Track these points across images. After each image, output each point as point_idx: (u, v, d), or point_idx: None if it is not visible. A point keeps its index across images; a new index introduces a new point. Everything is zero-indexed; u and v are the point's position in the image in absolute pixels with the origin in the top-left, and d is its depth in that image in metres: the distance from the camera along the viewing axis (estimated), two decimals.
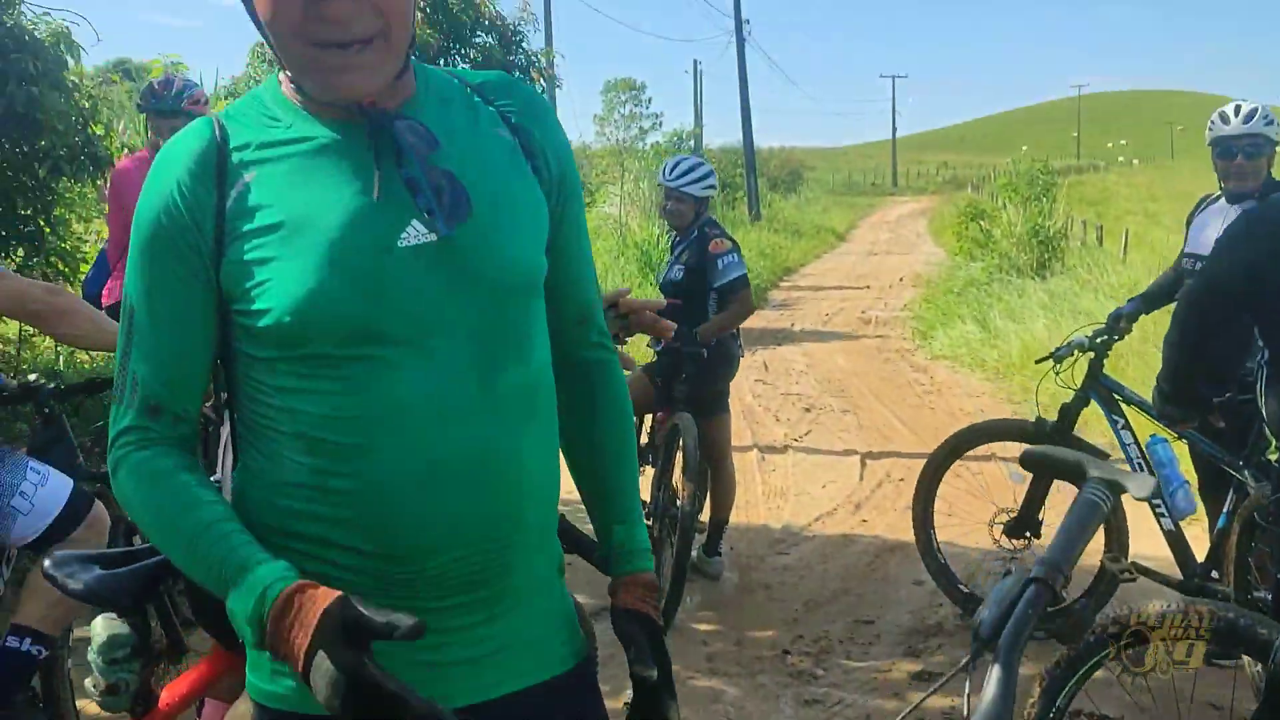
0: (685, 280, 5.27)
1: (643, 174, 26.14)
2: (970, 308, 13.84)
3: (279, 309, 1.37)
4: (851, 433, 8.65)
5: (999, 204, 19.85)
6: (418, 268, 1.41)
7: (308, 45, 1.36)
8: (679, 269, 5.32)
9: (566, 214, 1.60)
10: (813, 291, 19.53)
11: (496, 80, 1.60)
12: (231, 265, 1.40)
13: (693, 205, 5.35)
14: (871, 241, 32.54)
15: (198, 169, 1.41)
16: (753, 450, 7.92)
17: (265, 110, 1.47)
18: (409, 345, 1.40)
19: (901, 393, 10.32)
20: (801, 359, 12.27)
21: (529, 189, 1.53)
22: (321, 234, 1.38)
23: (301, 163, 1.42)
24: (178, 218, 1.41)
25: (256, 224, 1.39)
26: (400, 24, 1.39)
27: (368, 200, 1.41)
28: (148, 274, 1.43)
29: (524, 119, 1.57)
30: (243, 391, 1.48)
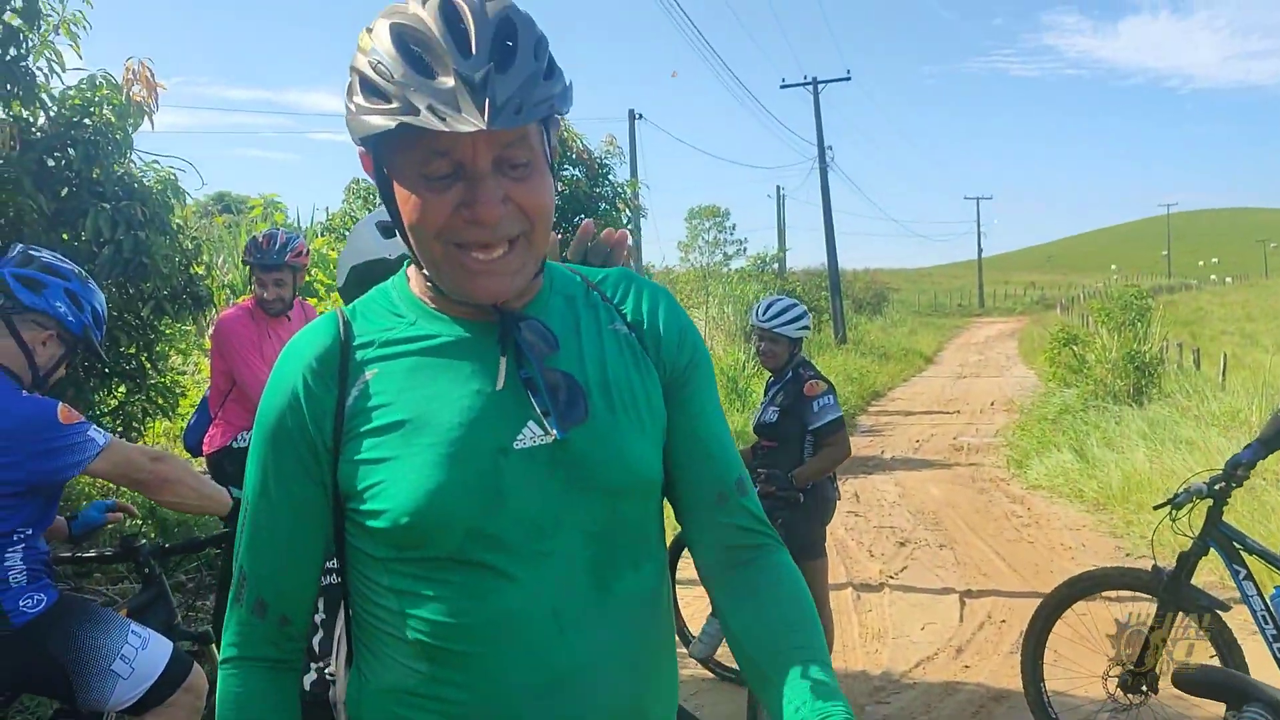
0: (780, 422, 5.20)
1: (727, 298, 26.29)
2: (1066, 435, 13.52)
3: (396, 510, 1.36)
4: (949, 569, 8.41)
5: (1092, 328, 19.55)
6: (534, 470, 1.39)
7: (449, 245, 1.36)
8: (773, 411, 5.26)
9: (695, 390, 1.56)
10: (902, 416, 19.28)
11: (615, 277, 1.59)
12: (349, 464, 1.40)
13: (787, 346, 5.32)
14: (960, 364, 32.17)
15: (320, 368, 1.42)
16: (848, 588, 7.73)
17: (391, 306, 1.48)
18: (526, 550, 1.37)
19: (998, 525, 10.05)
20: (893, 489, 12.04)
21: (647, 386, 1.50)
22: (439, 434, 1.37)
23: (422, 360, 1.42)
24: (297, 417, 1.41)
25: (375, 423, 1.39)
26: (543, 226, 1.39)
27: (486, 401, 1.40)
28: (265, 469, 1.44)
29: (641, 312, 1.55)
30: (357, 589, 1.47)
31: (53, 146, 5.93)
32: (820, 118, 37.17)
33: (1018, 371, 27.95)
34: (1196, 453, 10.80)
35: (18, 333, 3.04)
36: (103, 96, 6.18)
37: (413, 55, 1.31)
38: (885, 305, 48.77)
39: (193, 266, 6.74)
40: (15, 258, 3.06)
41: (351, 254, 2.39)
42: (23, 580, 2.93)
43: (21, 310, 3.03)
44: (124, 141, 6.18)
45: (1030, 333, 39.61)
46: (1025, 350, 33.92)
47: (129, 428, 6.85)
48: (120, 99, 6.19)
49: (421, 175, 1.34)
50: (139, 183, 6.25)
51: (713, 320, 24.79)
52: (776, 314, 5.30)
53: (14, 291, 3.01)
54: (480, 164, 1.32)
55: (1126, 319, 17.71)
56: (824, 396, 5.13)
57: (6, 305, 3.02)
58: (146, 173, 6.49)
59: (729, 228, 38.98)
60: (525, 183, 1.36)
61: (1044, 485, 11.81)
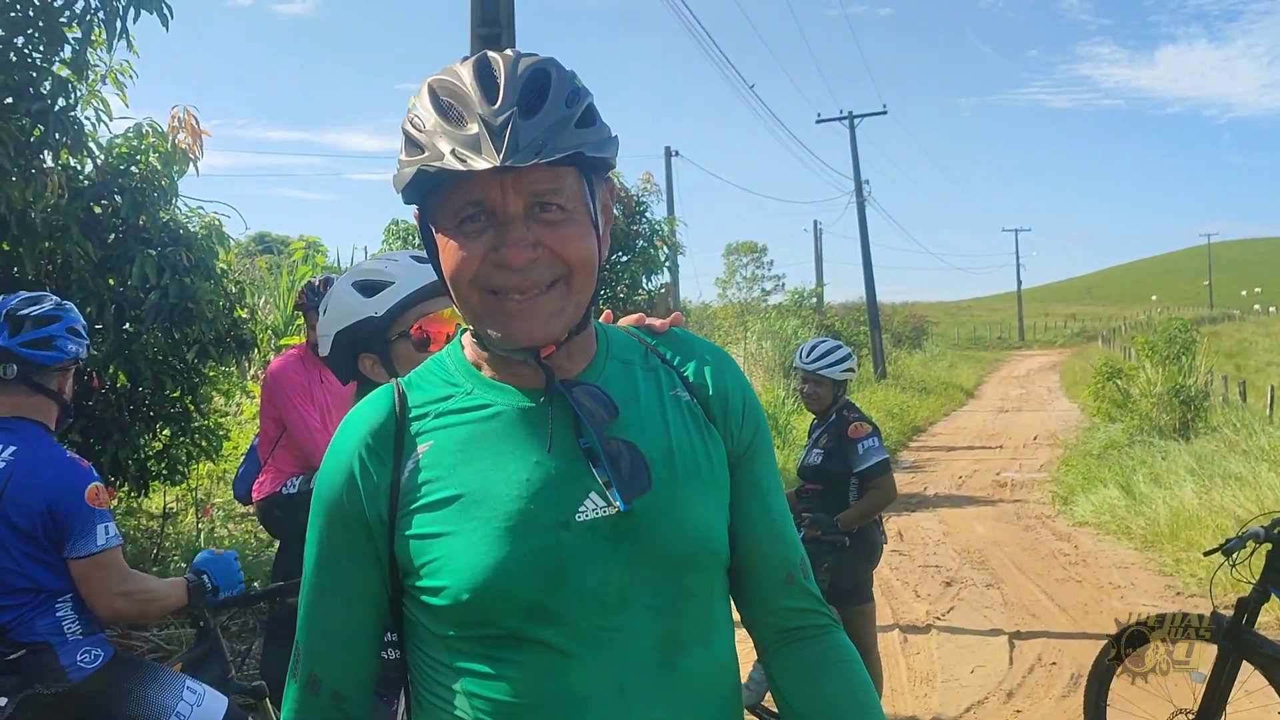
0: (824, 465, 5.16)
1: (765, 334, 26.23)
2: (1112, 471, 13.35)
3: (455, 586, 1.33)
4: (996, 609, 8.29)
5: (1135, 361, 19.35)
6: (597, 544, 1.35)
7: (484, 292, 1.35)
8: (818, 453, 5.21)
9: (761, 463, 1.54)
10: (944, 452, 19.13)
11: (676, 338, 1.56)
12: (406, 540, 1.37)
13: (830, 388, 5.27)
14: (1001, 398, 31.93)
15: (375, 443, 1.40)
16: (894, 630, 7.63)
17: (446, 375, 1.46)
18: (589, 626, 1.33)
19: (1046, 564, 9.91)
20: (938, 526, 11.92)
21: (711, 455, 1.46)
22: (498, 508, 1.34)
23: (477, 431, 1.40)
24: (352, 493, 1.39)
25: (432, 497, 1.36)
26: (583, 271, 1.37)
27: (546, 472, 1.36)
28: (320, 544, 1.44)
29: (704, 377, 1.52)
30: (417, 666, 1.43)
31: (100, 194, 6.01)
32: (857, 152, 37.13)
33: (1060, 405, 27.71)
34: (1246, 488, 10.63)
35: (44, 387, 3.07)
36: (149, 144, 6.26)
37: (443, 106, 1.34)
38: (924, 339, 48.54)
39: (236, 310, 6.79)
40: (3, 326, 3.03)
41: (333, 320, 2.29)
42: (78, 634, 2.94)
43: (45, 369, 3.05)
44: (169, 188, 6.25)
45: (1072, 365, 39.28)
46: (1067, 383, 33.63)
47: (174, 471, 6.89)
48: (166, 146, 6.27)
49: (456, 224, 1.35)
50: (184, 228, 6.32)
51: (751, 356, 24.73)
52: (820, 356, 5.26)
53: (31, 359, 3.03)
54: (510, 209, 1.32)
55: (1171, 352, 17.52)
56: (869, 439, 5.08)
57: (26, 371, 3.04)
58: (191, 218, 6.55)
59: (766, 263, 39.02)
60: (559, 228, 1.34)
61: (1091, 522, 11.65)
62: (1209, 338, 30.55)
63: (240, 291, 7.05)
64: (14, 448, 2.94)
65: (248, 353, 6.98)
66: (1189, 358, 17.51)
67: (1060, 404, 28.17)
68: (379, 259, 2.37)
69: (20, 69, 5.61)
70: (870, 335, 33.73)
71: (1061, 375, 38.04)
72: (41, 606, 2.90)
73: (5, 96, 5.55)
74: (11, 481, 2.88)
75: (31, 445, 2.97)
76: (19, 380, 3.04)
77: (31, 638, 2.88)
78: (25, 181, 5.21)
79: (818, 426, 5.34)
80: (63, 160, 5.97)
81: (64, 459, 2.99)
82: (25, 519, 2.86)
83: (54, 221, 5.57)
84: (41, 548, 2.89)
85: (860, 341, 32.60)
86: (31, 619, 2.88)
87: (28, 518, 2.86)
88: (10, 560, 2.86)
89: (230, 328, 6.56)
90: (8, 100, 5.56)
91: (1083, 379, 27.37)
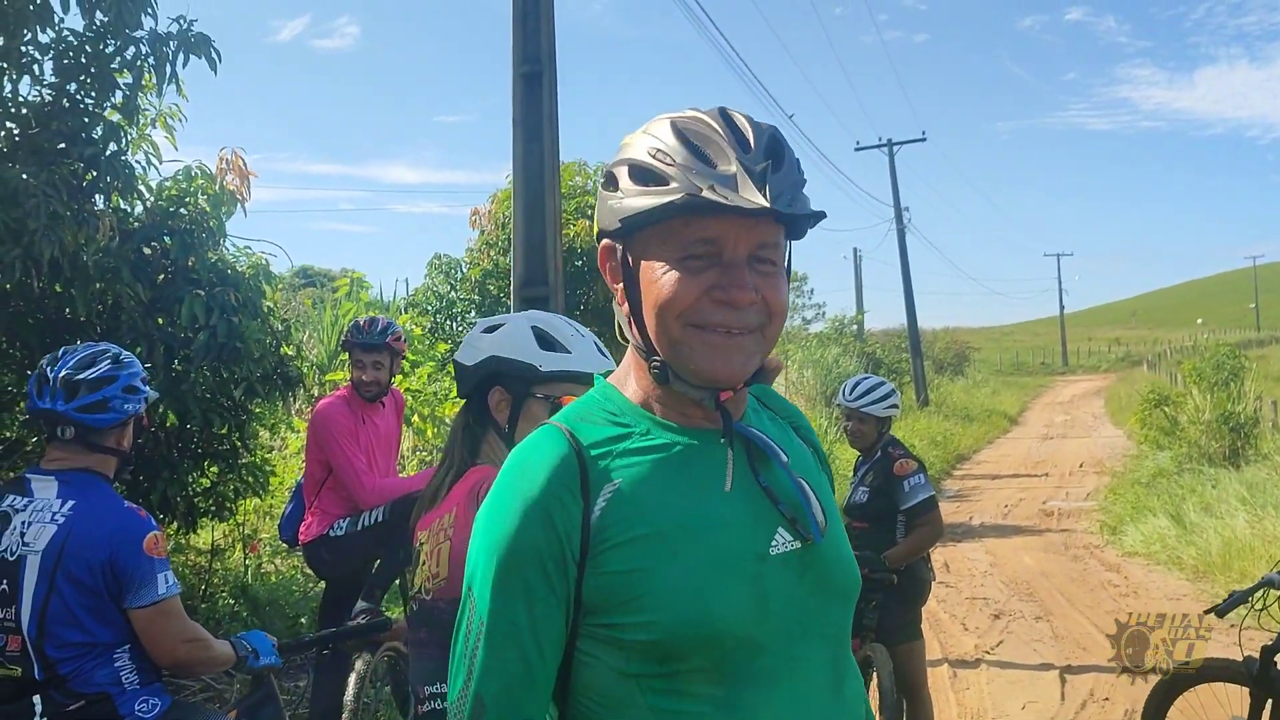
0: (871, 503, 5.13)
1: (806, 362, 26.14)
2: (1161, 500, 13.15)
3: (666, 620, 1.35)
4: (1046, 643, 8.19)
5: (1183, 388, 19.11)
6: (788, 576, 1.44)
7: (689, 326, 1.41)
8: (864, 491, 5.18)
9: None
10: (989, 480, 18.96)
11: (770, 394, 1.68)
12: (602, 577, 1.38)
13: (875, 425, 5.24)
14: (1046, 424, 31.63)
15: (567, 478, 1.41)
16: (943, 665, 7.55)
17: (612, 415, 1.50)
18: (783, 656, 1.41)
19: (1095, 596, 9.78)
20: (984, 557, 11.80)
21: (832, 498, 1.59)
22: (700, 543, 1.40)
23: (661, 469, 1.44)
24: (550, 533, 1.39)
25: (630, 534, 1.39)
26: (778, 325, 1.45)
27: (734, 508, 1.44)
28: (506, 589, 1.39)
29: (806, 428, 1.67)
30: (585, 711, 1.43)
31: (150, 236, 6.09)
32: (896, 178, 37.08)
33: (1106, 431, 27.41)
34: None
35: (100, 445, 3.11)
36: (197, 186, 6.35)
37: (693, 146, 1.41)
38: (967, 365, 48.17)
39: (283, 348, 6.85)
40: (59, 391, 3.06)
41: (498, 345, 2.36)
42: (136, 683, 2.97)
43: (101, 430, 3.09)
44: (218, 229, 6.33)
45: (1117, 391, 38.85)
46: (1113, 409, 33.26)
47: (222, 508, 6.94)
48: (214, 188, 6.35)
49: (679, 259, 1.40)
50: (232, 268, 6.39)
51: (792, 385, 24.63)
52: (863, 393, 5.23)
53: (86, 423, 3.06)
54: (739, 252, 1.40)
55: (1219, 378, 17.30)
56: (915, 475, 5.05)
57: (81, 433, 3.08)
58: (239, 258, 6.63)
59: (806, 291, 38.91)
60: (771, 279, 1.43)
61: (1140, 552, 11.51)
62: (1257, 362, 30.08)
63: (286, 329, 7.12)
64: (73, 502, 2.97)
65: (294, 389, 7.04)
66: (1237, 384, 17.29)
67: (1106, 430, 27.86)
68: (568, 324, 2.45)
69: (73, 115, 5.72)
70: (912, 362, 33.56)
71: (1106, 401, 37.65)
72: (100, 658, 2.93)
73: (59, 142, 5.66)
74: (71, 536, 2.91)
75: (90, 499, 3.00)
76: (76, 440, 3.08)
77: (90, 689, 2.90)
78: (78, 225, 5.29)
79: (863, 464, 5.31)
80: (114, 203, 6.07)
81: (122, 509, 3.02)
82: (86, 572, 2.89)
83: (105, 263, 5.65)
84: (101, 600, 2.92)
85: (902, 368, 32.43)
86: (90, 670, 2.91)
87: (89, 571, 2.89)
88: (69, 614, 2.90)
89: (277, 365, 6.62)
90: (61, 146, 5.67)
91: (1128, 404, 27.09)
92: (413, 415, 10.07)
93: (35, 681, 2.89)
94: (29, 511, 2.97)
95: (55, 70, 5.83)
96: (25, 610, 2.89)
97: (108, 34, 5.81)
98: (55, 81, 5.83)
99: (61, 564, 2.89)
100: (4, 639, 2.93)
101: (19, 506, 2.98)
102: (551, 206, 8.08)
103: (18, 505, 2.99)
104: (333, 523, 5.04)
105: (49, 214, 5.06)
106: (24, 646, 2.90)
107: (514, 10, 8.07)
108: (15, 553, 2.92)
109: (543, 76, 7.96)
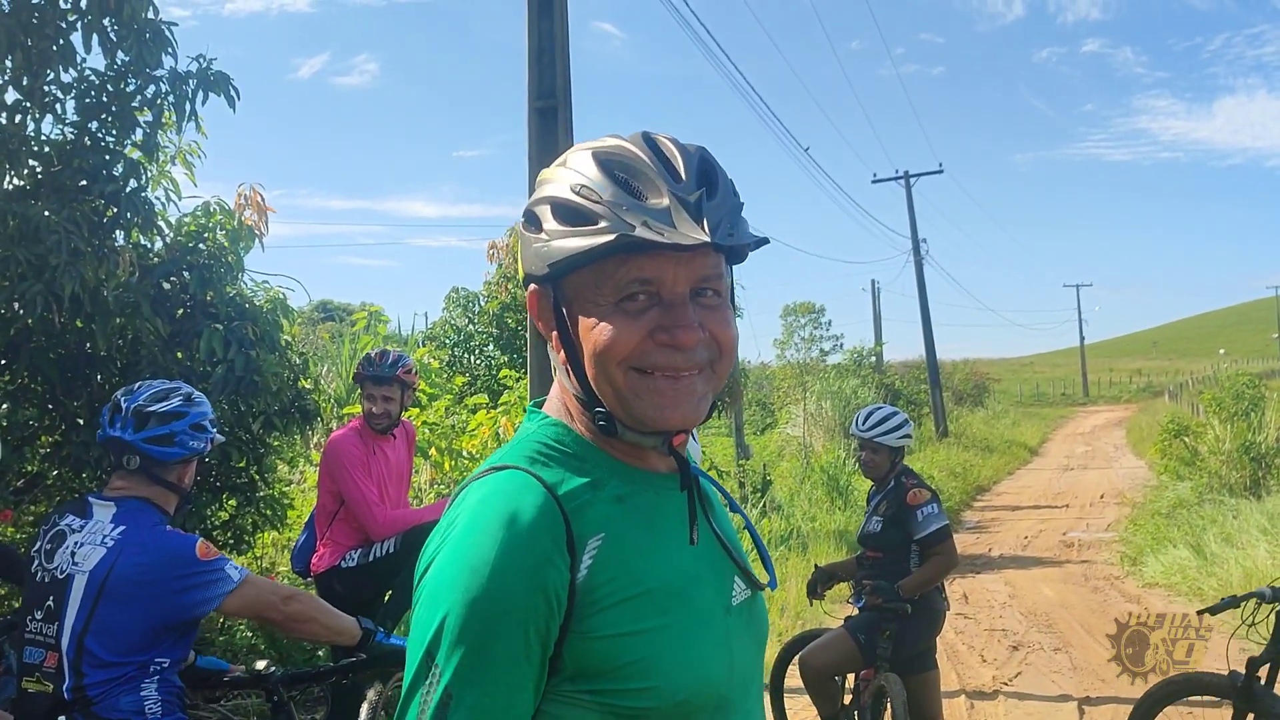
0: (884, 532, 5.13)
1: (824, 394, 26.08)
2: (1182, 531, 13.06)
3: (669, 685, 1.28)
4: (1065, 674, 8.14)
5: (1203, 418, 19.01)
6: (742, 628, 1.41)
7: (632, 372, 1.32)
8: (877, 521, 5.18)
9: None
10: (1009, 511, 18.86)
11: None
12: (595, 642, 1.27)
13: (888, 455, 5.25)
14: (1066, 455, 31.44)
15: (556, 533, 1.28)
16: (960, 696, 7.51)
17: (574, 460, 1.37)
18: (741, 710, 1.38)
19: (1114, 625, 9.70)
20: (1003, 588, 11.74)
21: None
22: (685, 600, 1.33)
23: (636, 522, 1.35)
24: (539, 596, 1.25)
25: (620, 595, 1.29)
26: (729, 355, 1.36)
27: (703, 560, 1.39)
28: (485, 660, 1.23)
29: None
30: None
31: (169, 271, 6.17)
32: (913, 210, 37.11)
33: (1127, 462, 27.24)
34: None
35: (162, 479, 3.18)
36: (216, 222, 6.44)
37: (619, 180, 1.32)
38: (986, 396, 47.95)
39: (301, 381, 6.91)
40: (129, 421, 3.15)
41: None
42: (158, 712, 3.00)
43: (165, 464, 3.17)
44: (236, 264, 6.42)
45: (1138, 421, 38.62)
46: (1134, 440, 33.06)
47: (240, 540, 6.99)
48: (233, 224, 6.44)
49: (615, 302, 1.31)
50: (250, 303, 6.46)
51: (811, 416, 24.60)
52: (876, 423, 5.24)
53: (152, 454, 3.15)
54: (680, 290, 1.31)
55: (1239, 409, 17.20)
56: (928, 505, 5.05)
57: (146, 464, 3.16)
58: (257, 293, 6.71)
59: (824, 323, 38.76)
60: (717, 312, 1.34)
61: (1161, 583, 11.42)
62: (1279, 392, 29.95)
63: (304, 363, 7.19)
64: (124, 527, 3.05)
65: (311, 423, 7.10)
66: (1258, 414, 17.18)
67: (1127, 461, 27.70)
68: None
69: (94, 153, 5.81)
70: (931, 393, 33.47)
71: (1128, 432, 37.43)
72: (129, 684, 2.97)
73: (80, 179, 5.75)
74: (120, 560, 2.98)
75: (141, 525, 3.07)
76: (140, 470, 3.17)
77: (114, 714, 2.94)
78: (99, 260, 5.37)
79: (876, 493, 5.32)
80: (134, 239, 6.16)
81: (166, 533, 3.10)
82: (133, 597, 2.95)
83: (125, 299, 5.73)
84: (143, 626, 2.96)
85: (921, 400, 32.33)
86: (117, 695, 2.95)
87: (136, 595, 2.95)
88: (108, 636, 2.95)
89: (295, 399, 6.68)
90: (82, 183, 5.76)
91: (1149, 435, 26.90)
92: (429, 448, 10.12)
93: (64, 702, 2.94)
94: (84, 532, 3.05)
95: (77, 109, 5.94)
96: (66, 629, 2.96)
97: (129, 73, 5.92)
98: (77, 120, 5.93)
99: (107, 587, 2.95)
100: (43, 655, 3.00)
101: (76, 527, 3.07)
102: None
103: (75, 525, 3.07)
104: (345, 554, 5.08)
105: (70, 250, 5.15)
106: (60, 664, 2.96)
107: (529, 46, 8.17)
108: (65, 571, 3.00)
109: (558, 112, 8.03)
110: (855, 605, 5.14)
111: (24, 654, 3.04)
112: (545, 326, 1.40)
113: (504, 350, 14.48)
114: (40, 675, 2.99)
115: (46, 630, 2.99)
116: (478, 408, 10.41)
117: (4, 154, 5.59)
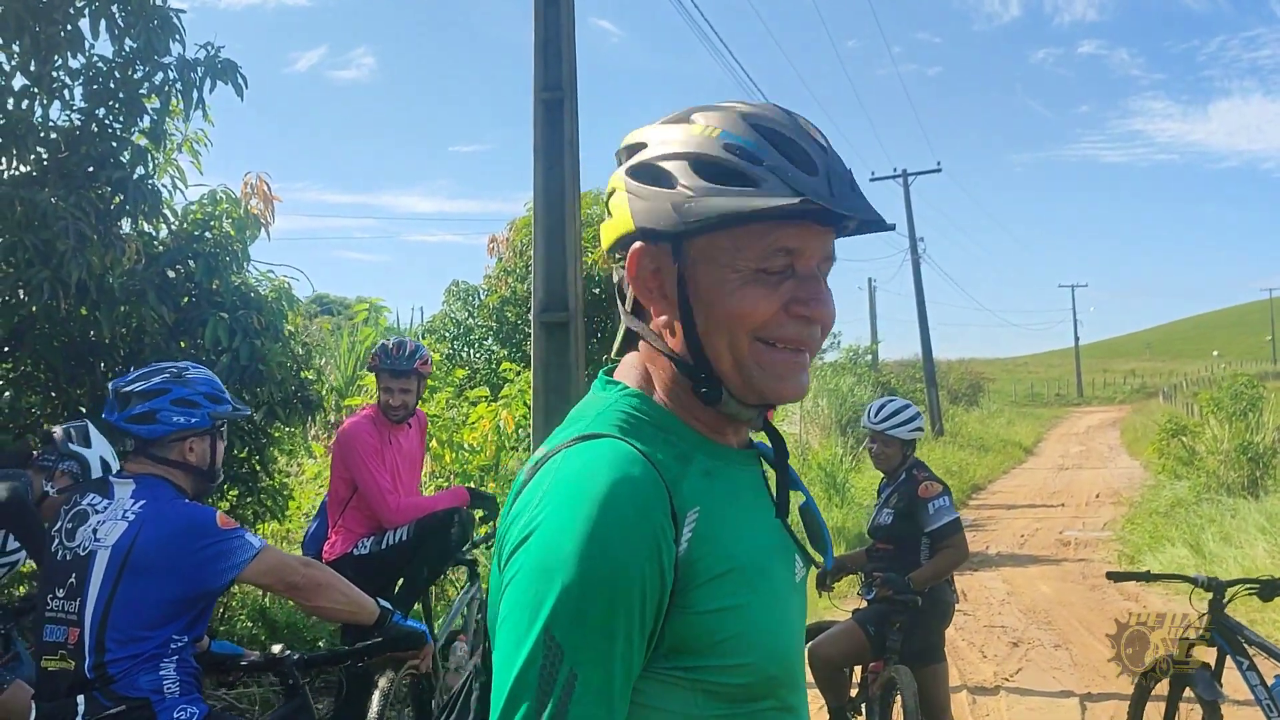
0: (895, 525, 5.12)
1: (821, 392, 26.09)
2: (1180, 530, 13.10)
3: (760, 661, 1.27)
4: (1065, 671, 8.14)
5: (1200, 418, 19.04)
6: (801, 604, 1.42)
7: (758, 342, 1.28)
8: (888, 513, 5.18)
9: None
10: (1005, 510, 18.89)
11: None
12: (695, 617, 1.23)
13: (899, 448, 5.24)
14: (1061, 455, 31.51)
15: (663, 505, 1.23)
16: (962, 691, 7.51)
17: (664, 435, 1.32)
18: (799, 683, 1.38)
19: (1114, 624, 9.70)
20: (1002, 586, 11.75)
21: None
22: (769, 575, 1.32)
23: (724, 496, 1.31)
24: (655, 566, 1.20)
25: (716, 569, 1.25)
26: (827, 335, 1.36)
27: (776, 537, 1.38)
28: (610, 634, 1.17)
29: None
30: None
31: (175, 259, 6.15)
32: (911, 209, 37.11)
33: (1122, 462, 27.30)
34: None
35: (163, 458, 3.19)
36: (222, 210, 6.42)
37: (780, 145, 1.28)
38: (981, 396, 48.07)
39: (304, 371, 6.89)
40: (114, 403, 3.19)
41: None
42: (176, 692, 3.00)
43: (154, 441, 3.17)
44: (242, 253, 6.40)
45: (1133, 422, 38.70)
46: (1129, 440, 33.13)
47: None
48: (239, 213, 6.42)
49: (754, 269, 1.27)
50: (254, 292, 6.45)
51: (808, 414, 24.59)
52: (888, 416, 5.24)
53: (136, 434, 3.17)
54: (813, 263, 1.30)
55: (1237, 409, 17.23)
56: (939, 498, 5.04)
57: (139, 444, 3.19)
58: (262, 282, 6.69)
59: None
60: (829, 293, 1.33)
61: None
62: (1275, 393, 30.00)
63: (307, 353, 7.17)
64: (144, 501, 3.06)
65: (314, 413, 7.08)
66: (1256, 414, 17.22)
67: (1122, 461, 27.75)
68: None
69: (102, 139, 5.79)
70: (927, 392, 33.51)
71: (1122, 432, 37.50)
72: (148, 663, 2.96)
73: (87, 166, 5.73)
74: (142, 532, 2.99)
75: (160, 498, 3.08)
76: (138, 451, 3.20)
77: (134, 693, 2.94)
78: (105, 248, 5.35)
79: (887, 486, 5.31)
80: (140, 227, 6.13)
81: (185, 505, 3.12)
82: (156, 568, 2.96)
83: (131, 286, 5.71)
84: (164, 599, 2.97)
85: (916, 398, 32.34)
86: (137, 674, 2.95)
87: (160, 566, 2.96)
88: (130, 611, 2.95)
89: (298, 389, 6.67)
90: (89, 170, 5.74)
91: (1144, 435, 26.99)
92: (431, 440, 10.10)
93: (85, 679, 2.94)
94: (106, 511, 3.06)
95: (85, 95, 5.92)
96: (90, 604, 2.96)
97: (137, 60, 5.90)
98: (85, 107, 5.91)
99: (130, 559, 2.96)
100: (65, 632, 3.00)
101: (99, 507, 3.08)
102: (572, 231, 8.13)
103: (97, 505, 3.09)
104: (357, 541, 5.07)
105: (77, 236, 5.13)
106: (81, 641, 2.96)
107: (535, 37, 8.16)
108: (88, 548, 3.01)
109: (564, 103, 8.02)
110: (865, 597, 5.13)
111: (44, 632, 3.04)
112: (650, 286, 1.33)
113: (504, 344, 14.48)
114: (62, 653, 2.99)
115: (69, 607, 2.99)
116: (478, 400, 10.38)
117: (11, 140, 5.57)
